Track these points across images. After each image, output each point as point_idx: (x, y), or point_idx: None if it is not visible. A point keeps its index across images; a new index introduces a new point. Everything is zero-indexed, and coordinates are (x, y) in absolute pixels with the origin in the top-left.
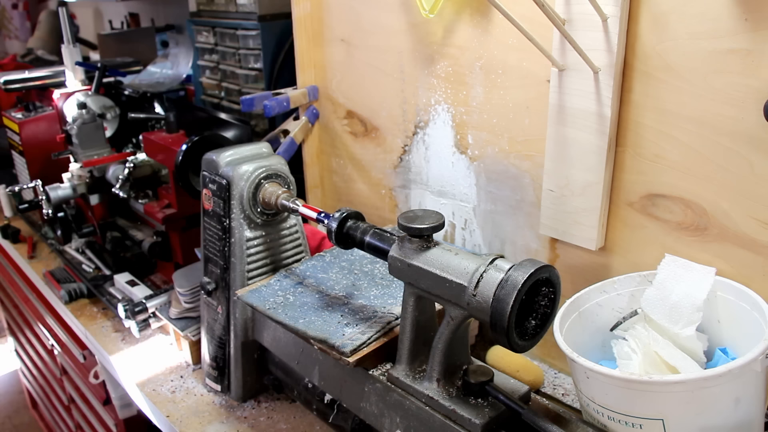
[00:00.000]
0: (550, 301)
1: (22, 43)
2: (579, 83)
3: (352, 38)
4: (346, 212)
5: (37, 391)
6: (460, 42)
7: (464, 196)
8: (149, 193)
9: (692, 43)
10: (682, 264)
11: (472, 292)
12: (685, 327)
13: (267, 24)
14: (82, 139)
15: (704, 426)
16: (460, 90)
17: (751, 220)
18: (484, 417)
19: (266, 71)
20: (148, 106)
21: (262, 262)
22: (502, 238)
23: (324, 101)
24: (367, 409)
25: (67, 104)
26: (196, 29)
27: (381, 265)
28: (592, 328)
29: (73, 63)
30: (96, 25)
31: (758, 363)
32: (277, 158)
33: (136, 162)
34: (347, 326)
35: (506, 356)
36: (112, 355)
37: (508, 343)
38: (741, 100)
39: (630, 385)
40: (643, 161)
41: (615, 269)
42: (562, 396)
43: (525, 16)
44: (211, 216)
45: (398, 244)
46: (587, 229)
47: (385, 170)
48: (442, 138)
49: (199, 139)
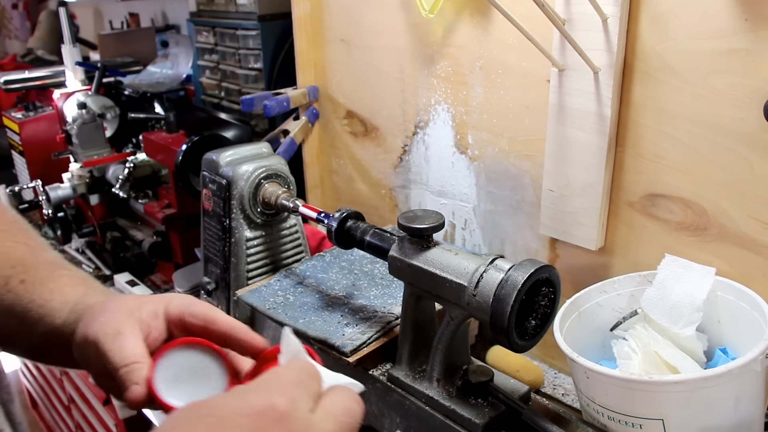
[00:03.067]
0: (550, 301)
1: (22, 43)
2: (579, 83)
3: (352, 38)
4: (346, 212)
5: (37, 391)
6: (460, 42)
7: (464, 196)
8: (149, 193)
9: (692, 43)
10: (682, 264)
11: (472, 292)
12: (685, 327)
13: (267, 24)
14: (82, 139)
15: (704, 426)
16: (460, 90)
17: (751, 220)
18: (484, 417)
19: (266, 71)
20: (148, 106)
21: (262, 262)
22: (502, 238)
23: (324, 101)
24: (367, 409)
25: (67, 104)
26: (196, 29)
27: (381, 265)
28: (592, 328)
29: (73, 63)
30: (96, 25)
31: (758, 363)
32: (277, 158)
33: (136, 162)
34: (347, 326)
35: (506, 356)
36: None
37: (508, 343)
38: (741, 100)
39: (630, 385)
40: (643, 161)
41: (615, 269)
42: (562, 396)
43: (525, 16)
44: (211, 216)
45: (398, 244)
46: (587, 229)
47: (385, 170)
48: (442, 138)
49: (199, 139)
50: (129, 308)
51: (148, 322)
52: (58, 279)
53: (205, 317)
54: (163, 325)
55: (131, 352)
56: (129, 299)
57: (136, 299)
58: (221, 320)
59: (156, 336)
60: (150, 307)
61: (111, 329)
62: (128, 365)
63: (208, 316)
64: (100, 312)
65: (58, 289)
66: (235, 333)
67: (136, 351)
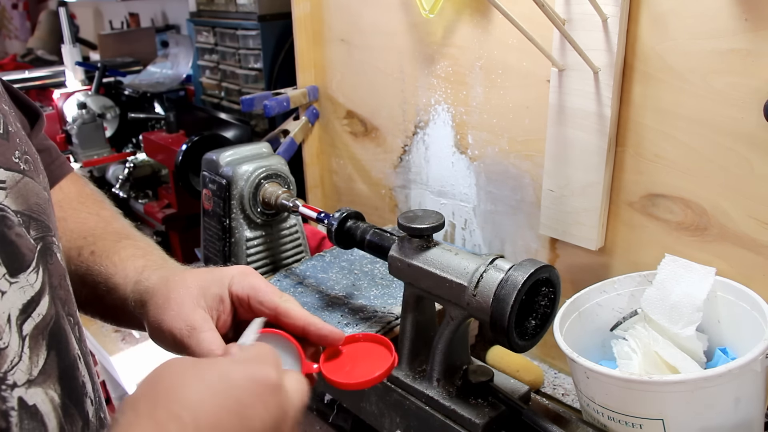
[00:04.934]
0: (550, 301)
1: (22, 43)
2: (579, 83)
3: (352, 38)
4: (346, 212)
5: None
6: (460, 42)
7: (464, 196)
8: (149, 193)
9: (692, 43)
10: (682, 264)
11: (472, 292)
12: (685, 327)
13: (267, 24)
14: (82, 139)
15: (704, 426)
16: (460, 90)
17: (751, 220)
18: (484, 417)
19: (266, 71)
20: (148, 106)
21: (262, 262)
22: (502, 238)
23: (324, 101)
24: (367, 409)
25: (67, 104)
26: (196, 29)
27: (381, 265)
28: (592, 328)
29: (73, 63)
30: (96, 25)
31: (758, 363)
32: (277, 158)
33: (136, 162)
34: (347, 326)
35: (506, 356)
36: (113, 356)
37: (508, 343)
38: (741, 100)
39: (630, 385)
40: (643, 161)
41: (615, 269)
42: (562, 396)
43: (525, 16)
44: (211, 216)
45: (398, 244)
46: (587, 229)
47: (385, 170)
48: (442, 138)
49: (199, 139)
50: (193, 296)
51: (215, 308)
52: (120, 251)
53: (277, 309)
54: (229, 307)
55: (208, 347)
56: (190, 284)
57: (195, 282)
58: (295, 315)
59: (225, 318)
60: (214, 290)
61: (184, 324)
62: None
63: (280, 309)
64: (166, 302)
65: (120, 262)
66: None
67: (212, 345)
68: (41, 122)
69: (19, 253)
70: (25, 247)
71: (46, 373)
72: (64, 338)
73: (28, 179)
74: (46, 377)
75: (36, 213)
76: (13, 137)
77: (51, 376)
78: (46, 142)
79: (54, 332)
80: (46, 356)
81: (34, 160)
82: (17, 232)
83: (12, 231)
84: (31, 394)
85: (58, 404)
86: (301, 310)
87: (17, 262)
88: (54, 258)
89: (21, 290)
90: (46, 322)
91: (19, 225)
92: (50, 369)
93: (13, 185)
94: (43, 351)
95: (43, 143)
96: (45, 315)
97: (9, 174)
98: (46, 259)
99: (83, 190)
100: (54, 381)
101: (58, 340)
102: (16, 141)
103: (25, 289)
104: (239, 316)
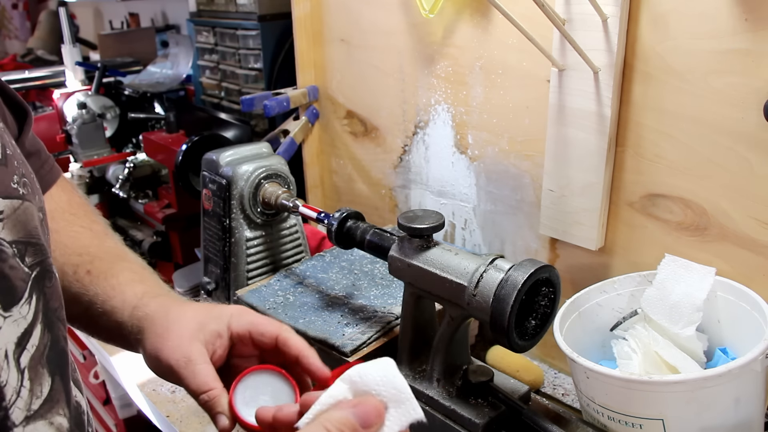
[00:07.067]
0: (550, 301)
1: (22, 43)
2: (579, 83)
3: (352, 38)
4: (346, 212)
5: None
6: (460, 42)
7: (464, 196)
8: (149, 193)
9: (692, 43)
10: (682, 264)
11: (472, 292)
12: (685, 327)
13: (267, 24)
14: (82, 139)
15: (704, 426)
16: (460, 90)
17: (751, 220)
18: (484, 417)
19: (266, 71)
20: (148, 106)
21: (262, 262)
22: (502, 238)
23: (324, 101)
24: None
25: (67, 104)
26: (196, 29)
27: (381, 265)
28: (592, 328)
29: (73, 63)
30: (96, 25)
31: (758, 363)
32: (277, 158)
33: (136, 162)
34: (347, 326)
35: (506, 356)
36: (113, 356)
37: (508, 343)
38: (741, 100)
39: (630, 385)
40: (643, 161)
41: (615, 269)
42: (562, 396)
43: (525, 16)
44: (211, 216)
45: (398, 244)
46: (587, 229)
47: (385, 170)
48: (442, 138)
49: (199, 139)
50: (192, 330)
51: (212, 342)
52: (119, 274)
53: (278, 338)
54: (227, 342)
55: (203, 379)
56: (190, 318)
57: (195, 317)
58: (292, 345)
59: (220, 354)
60: (213, 327)
61: (181, 356)
62: (205, 392)
63: (281, 338)
64: (166, 332)
65: (119, 286)
66: (303, 360)
67: (207, 378)
68: (30, 121)
69: (12, 286)
70: (18, 279)
71: (53, 399)
72: (65, 360)
73: (27, 203)
74: (53, 404)
75: (34, 237)
76: (11, 160)
77: (59, 401)
78: (35, 144)
79: (51, 358)
80: (51, 382)
81: (31, 180)
82: (11, 265)
83: (6, 264)
84: (29, 431)
85: (66, 429)
86: (298, 340)
87: (10, 295)
88: (53, 280)
89: (15, 323)
90: (40, 351)
91: (13, 256)
92: (57, 394)
93: (10, 213)
94: (47, 378)
95: (33, 145)
96: (38, 345)
97: (7, 202)
98: (44, 282)
99: (72, 198)
100: (62, 406)
101: (60, 364)
102: (14, 164)
103: (19, 322)
104: (237, 351)
